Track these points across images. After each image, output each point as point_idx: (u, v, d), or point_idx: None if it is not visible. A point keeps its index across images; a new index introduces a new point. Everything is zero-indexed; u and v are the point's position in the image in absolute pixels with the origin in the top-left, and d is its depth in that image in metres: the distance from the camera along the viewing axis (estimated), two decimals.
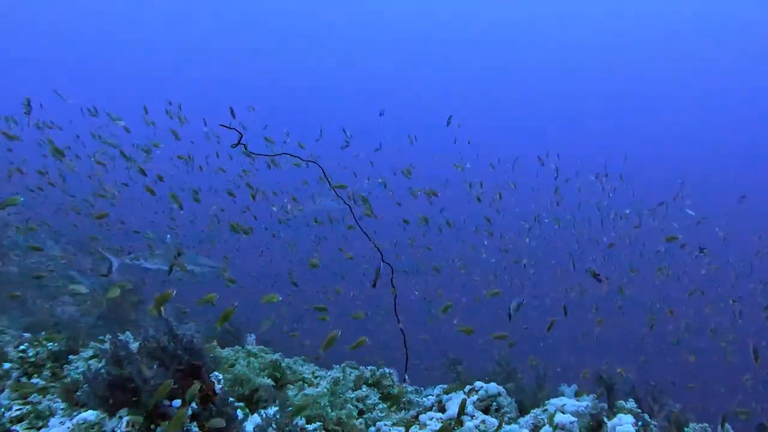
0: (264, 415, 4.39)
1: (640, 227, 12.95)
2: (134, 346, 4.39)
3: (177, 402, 3.92)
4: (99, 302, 11.11)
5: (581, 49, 51.38)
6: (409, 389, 5.55)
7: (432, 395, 5.57)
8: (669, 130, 55.37)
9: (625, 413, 4.12)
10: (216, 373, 4.09)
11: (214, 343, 6.17)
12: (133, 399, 3.90)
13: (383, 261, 5.96)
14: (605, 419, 4.04)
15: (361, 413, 5.10)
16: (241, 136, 4.48)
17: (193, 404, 3.96)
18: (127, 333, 5.65)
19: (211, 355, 4.48)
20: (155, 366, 4.02)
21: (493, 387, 4.94)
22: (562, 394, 4.89)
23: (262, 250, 16.85)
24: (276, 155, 5.14)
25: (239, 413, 4.21)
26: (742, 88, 50.40)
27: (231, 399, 4.01)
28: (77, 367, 5.29)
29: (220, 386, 4.05)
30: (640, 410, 4.46)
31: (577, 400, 4.51)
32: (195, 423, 3.87)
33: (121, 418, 4.09)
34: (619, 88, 53.56)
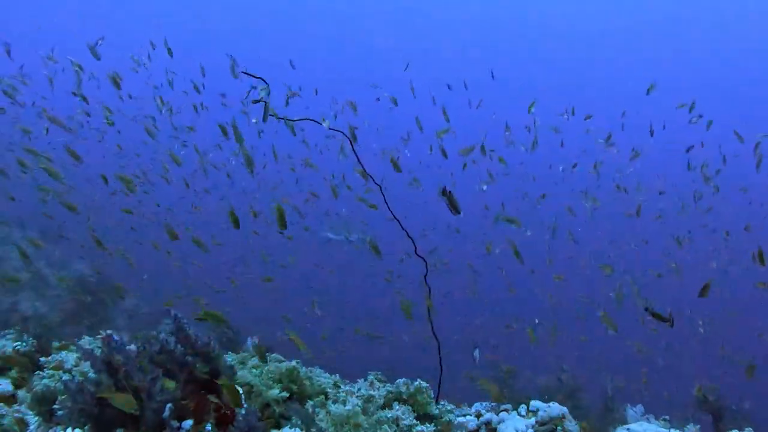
0: None
1: None
2: (131, 348, 3.53)
3: (188, 423, 3.09)
4: (69, 296, 10.13)
5: None
6: (447, 407, 4.76)
7: (471, 414, 4.79)
8: None
9: None
10: (236, 387, 3.26)
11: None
12: (134, 416, 3.05)
13: (416, 254, 5.19)
14: None
15: None
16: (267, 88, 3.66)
17: (208, 426, 3.14)
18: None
19: (228, 363, 3.65)
20: (160, 376, 3.18)
21: (556, 408, 4.19)
22: (634, 420, 4.18)
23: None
24: (297, 120, 4.32)
25: None
26: None
27: (257, 418, 3.19)
28: (52, 375, 4.41)
29: (242, 402, 3.23)
30: None
31: (662, 427, 3.81)
32: None
33: None
34: None
